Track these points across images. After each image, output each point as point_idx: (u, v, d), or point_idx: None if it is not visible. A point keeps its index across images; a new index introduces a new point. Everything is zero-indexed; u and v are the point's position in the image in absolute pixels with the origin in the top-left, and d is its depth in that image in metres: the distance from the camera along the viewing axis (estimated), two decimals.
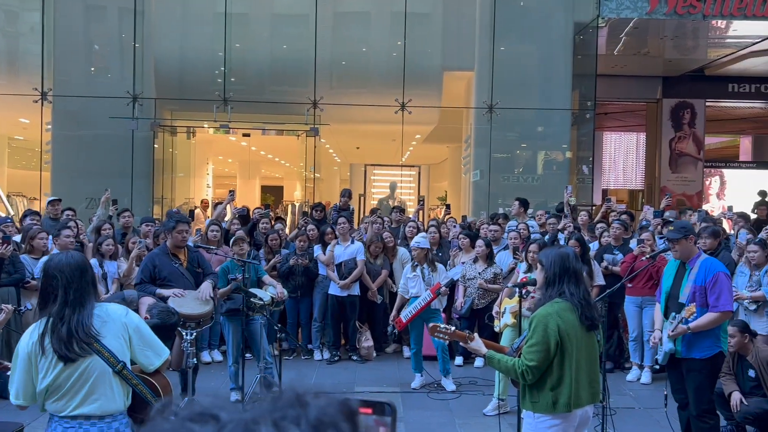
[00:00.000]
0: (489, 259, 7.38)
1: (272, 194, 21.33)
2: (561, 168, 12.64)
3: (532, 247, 6.13)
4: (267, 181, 22.20)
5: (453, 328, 3.68)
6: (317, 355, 7.89)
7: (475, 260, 7.42)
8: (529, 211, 9.49)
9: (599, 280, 6.99)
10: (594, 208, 10.93)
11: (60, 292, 2.72)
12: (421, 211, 10.64)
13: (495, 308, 6.44)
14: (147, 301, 3.94)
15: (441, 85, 12.91)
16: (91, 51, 12.91)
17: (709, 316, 4.37)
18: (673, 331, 4.48)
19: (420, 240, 6.87)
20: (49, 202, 8.67)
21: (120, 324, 2.78)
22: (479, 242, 7.41)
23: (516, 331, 5.44)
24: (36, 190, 12.79)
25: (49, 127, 12.29)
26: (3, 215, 10.15)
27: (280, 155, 18.76)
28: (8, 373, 2.93)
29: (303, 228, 8.32)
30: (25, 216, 7.83)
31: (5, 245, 5.99)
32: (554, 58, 12.60)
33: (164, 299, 5.02)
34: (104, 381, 2.73)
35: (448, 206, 11.18)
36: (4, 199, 13.37)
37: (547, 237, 8.01)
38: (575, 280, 3.35)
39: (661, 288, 4.83)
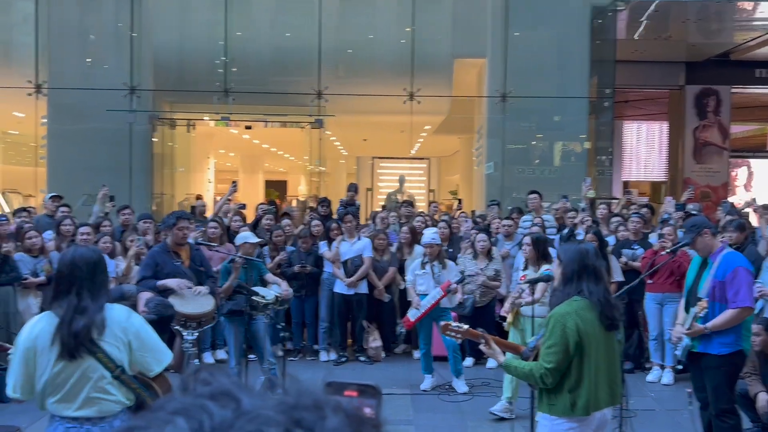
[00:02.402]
0: (489, 255, 7.19)
1: (276, 189, 21.02)
2: (579, 159, 12.32)
3: (526, 239, 5.99)
4: (270, 176, 22.13)
5: (466, 326, 3.67)
6: (323, 356, 7.71)
7: (475, 256, 7.21)
8: (545, 204, 9.18)
9: (618, 276, 6.89)
10: (616, 201, 10.53)
11: (85, 283, 2.76)
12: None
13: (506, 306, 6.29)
14: (145, 295, 4.10)
15: (451, 74, 12.66)
16: (86, 41, 12.60)
17: (726, 314, 4.31)
18: (689, 330, 4.44)
19: (434, 236, 6.67)
20: (50, 198, 8.64)
21: (120, 328, 2.80)
22: (480, 236, 7.21)
23: (518, 331, 5.64)
24: (31, 187, 12.49)
25: (45, 120, 12.04)
26: None
27: (284, 148, 18.62)
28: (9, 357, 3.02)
29: (307, 227, 8.14)
30: (14, 213, 7.91)
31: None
32: (571, 43, 12.24)
33: (167, 290, 4.92)
34: (103, 385, 2.75)
35: (459, 201, 10.97)
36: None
37: (565, 231, 7.88)
38: (594, 278, 3.31)
39: (686, 283, 4.85)
